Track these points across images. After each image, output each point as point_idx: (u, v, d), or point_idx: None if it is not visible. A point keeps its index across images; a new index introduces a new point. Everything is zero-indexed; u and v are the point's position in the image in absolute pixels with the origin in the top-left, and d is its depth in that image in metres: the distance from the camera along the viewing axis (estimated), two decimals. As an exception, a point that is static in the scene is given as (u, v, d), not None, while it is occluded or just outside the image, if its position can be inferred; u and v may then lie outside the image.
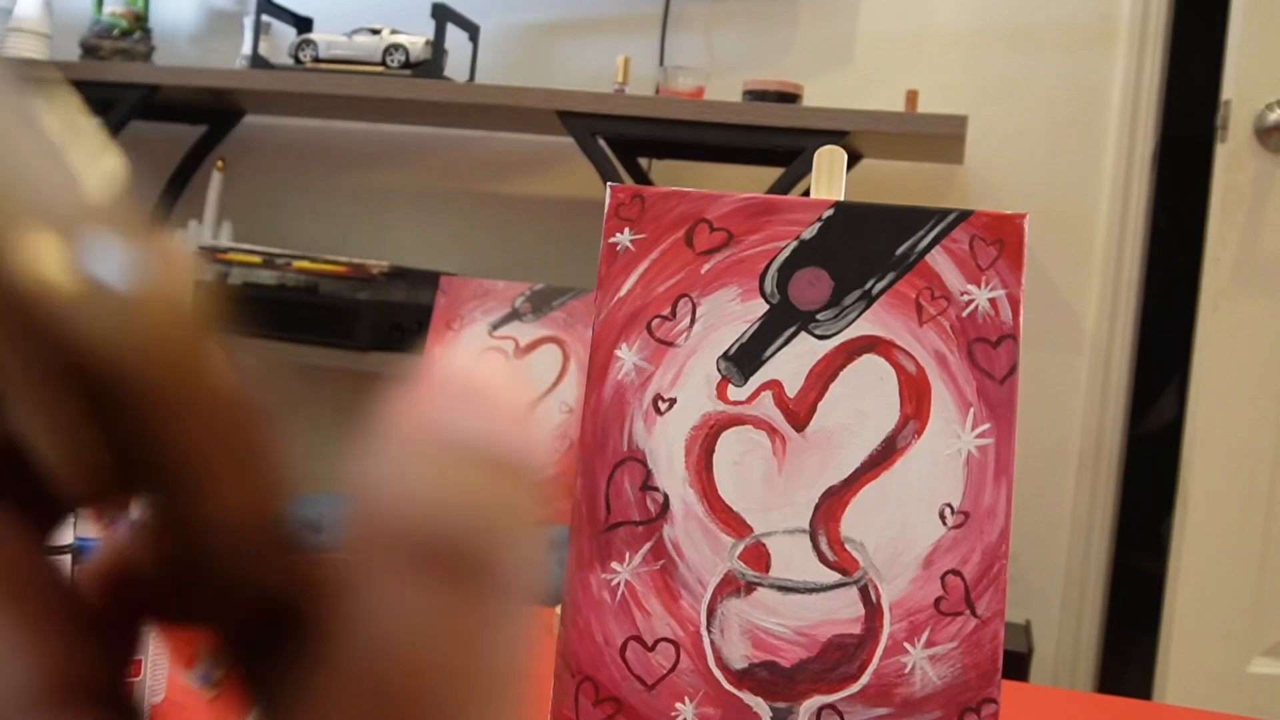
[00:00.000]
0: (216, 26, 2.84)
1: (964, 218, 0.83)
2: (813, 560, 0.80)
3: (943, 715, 0.78)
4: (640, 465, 0.82)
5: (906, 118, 2.13)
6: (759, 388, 0.82)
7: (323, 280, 2.33)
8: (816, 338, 0.82)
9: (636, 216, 0.85)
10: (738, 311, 0.83)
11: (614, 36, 2.58)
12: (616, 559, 0.81)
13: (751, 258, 0.83)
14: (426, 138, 2.69)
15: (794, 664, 0.79)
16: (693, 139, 2.24)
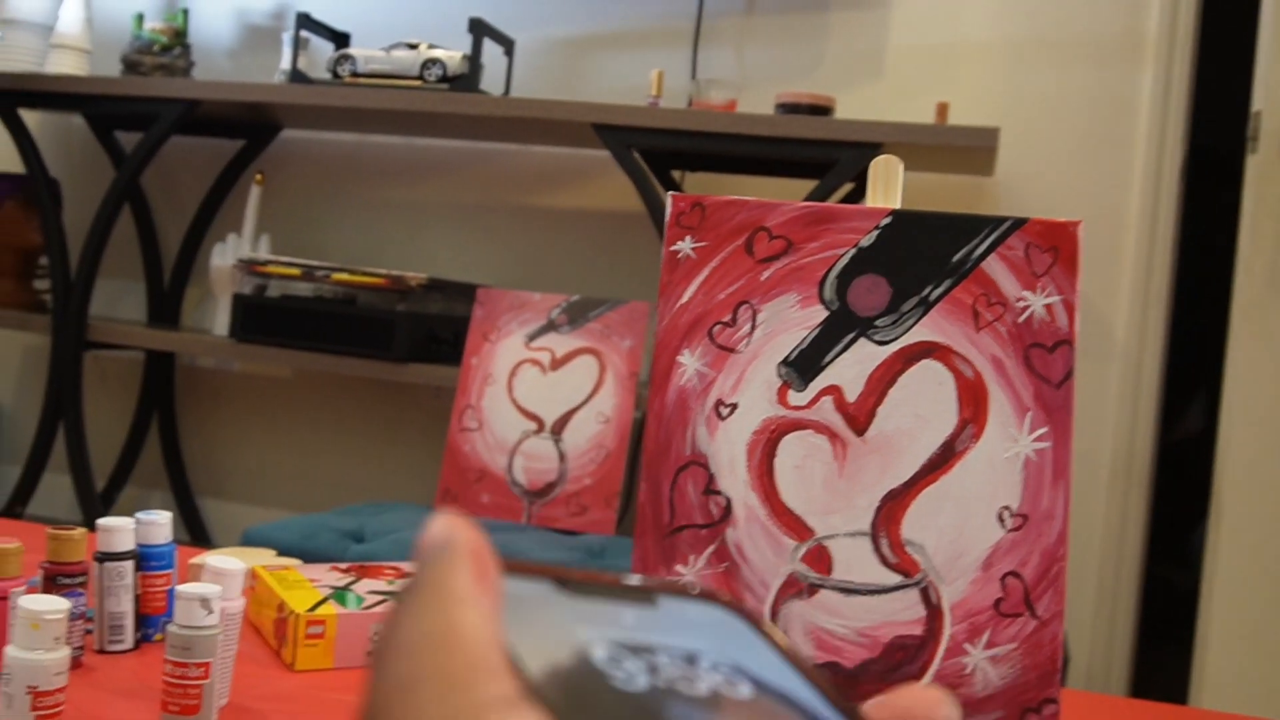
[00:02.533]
0: (254, 42, 2.88)
1: (1019, 225, 0.84)
2: (874, 562, 0.81)
3: (1004, 715, 0.79)
4: (703, 469, 0.83)
5: (939, 130, 2.15)
6: (819, 393, 0.83)
7: (361, 292, 2.36)
8: (875, 343, 0.83)
9: (697, 224, 0.86)
10: (797, 318, 0.85)
11: (647, 50, 2.60)
12: (681, 561, 0.83)
13: (811, 265, 0.85)
14: (463, 151, 2.72)
15: (857, 665, 0.80)
16: (726, 151, 2.26)
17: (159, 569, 1.21)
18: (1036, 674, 0.80)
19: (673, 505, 0.83)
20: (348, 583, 1.24)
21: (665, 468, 0.83)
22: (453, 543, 0.27)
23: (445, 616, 0.25)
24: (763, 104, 2.46)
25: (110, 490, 2.86)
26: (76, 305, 2.55)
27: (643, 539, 0.83)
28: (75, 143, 3.00)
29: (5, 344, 3.13)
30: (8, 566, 1.05)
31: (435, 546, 0.27)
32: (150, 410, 2.90)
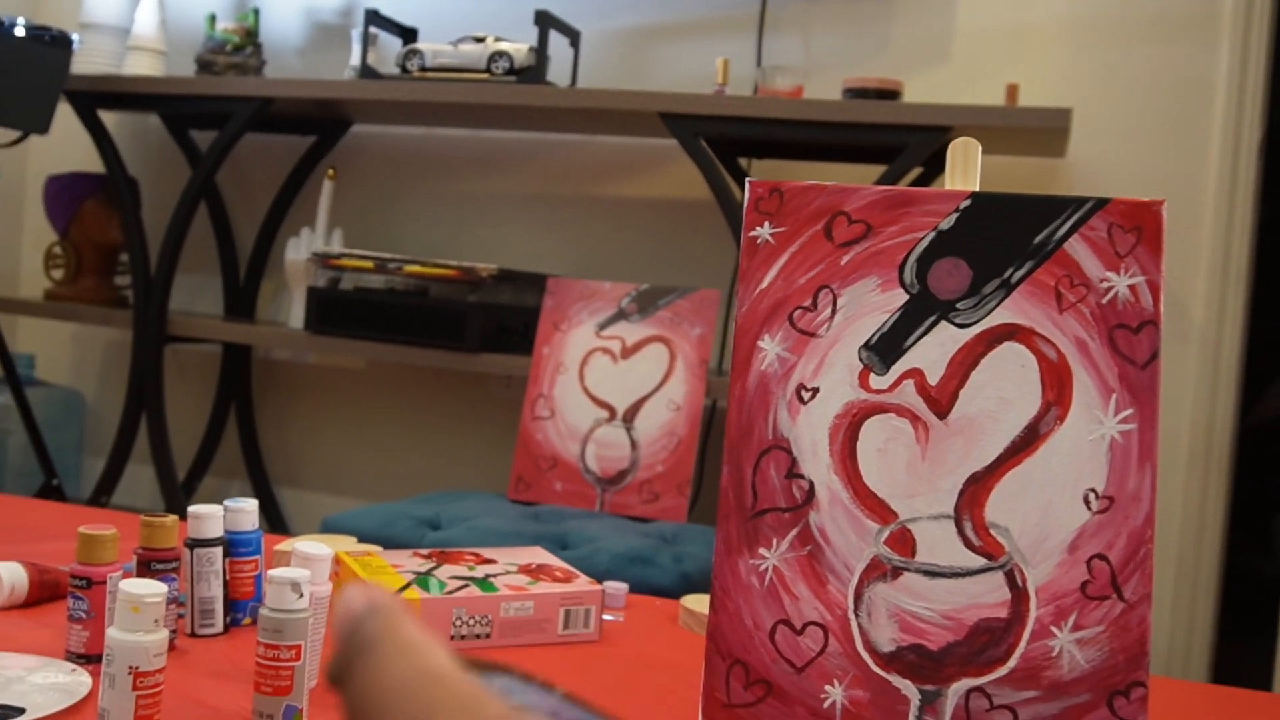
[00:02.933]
0: (323, 39, 2.92)
1: (1101, 205, 0.84)
2: (958, 545, 0.81)
3: (1091, 698, 0.79)
4: (785, 453, 0.84)
5: (1009, 111, 2.13)
6: (901, 376, 0.84)
7: (433, 284, 2.38)
8: (957, 326, 0.83)
9: (775, 210, 0.87)
10: (878, 301, 0.85)
11: (712, 38, 2.60)
12: (764, 545, 0.83)
13: (890, 249, 0.85)
14: (530, 143, 2.74)
15: (941, 647, 0.80)
16: (793, 138, 2.25)
17: (247, 555, 1.24)
18: (1124, 657, 0.79)
19: (755, 489, 0.84)
20: (429, 568, 1.26)
21: (748, 452, 0.84)
22: (383, 603, 0.28)
23: (420, 660, 0.26)
24: (829, 90, 2.45)
25: (190, 480, 2.92)
26: (157, 300, 2.61)
27: (726, 523, 0.84)
28: (152, 142, 3.07)
29: (88, 339, 3.20)
30: (104, 552, 1.08)
31: (368, 609, 0.28)
32: (228, 402, 2.96)
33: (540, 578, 1.26)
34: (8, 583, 1.21)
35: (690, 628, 1.32)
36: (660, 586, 1.70)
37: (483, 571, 1.26)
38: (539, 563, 1.32)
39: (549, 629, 1.21)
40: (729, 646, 0.82)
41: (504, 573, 1.26)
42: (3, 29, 2.38)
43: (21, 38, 2.41)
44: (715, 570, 0.83)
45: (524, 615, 1.20)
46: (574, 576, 1.27)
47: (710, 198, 2.34)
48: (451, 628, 1.17)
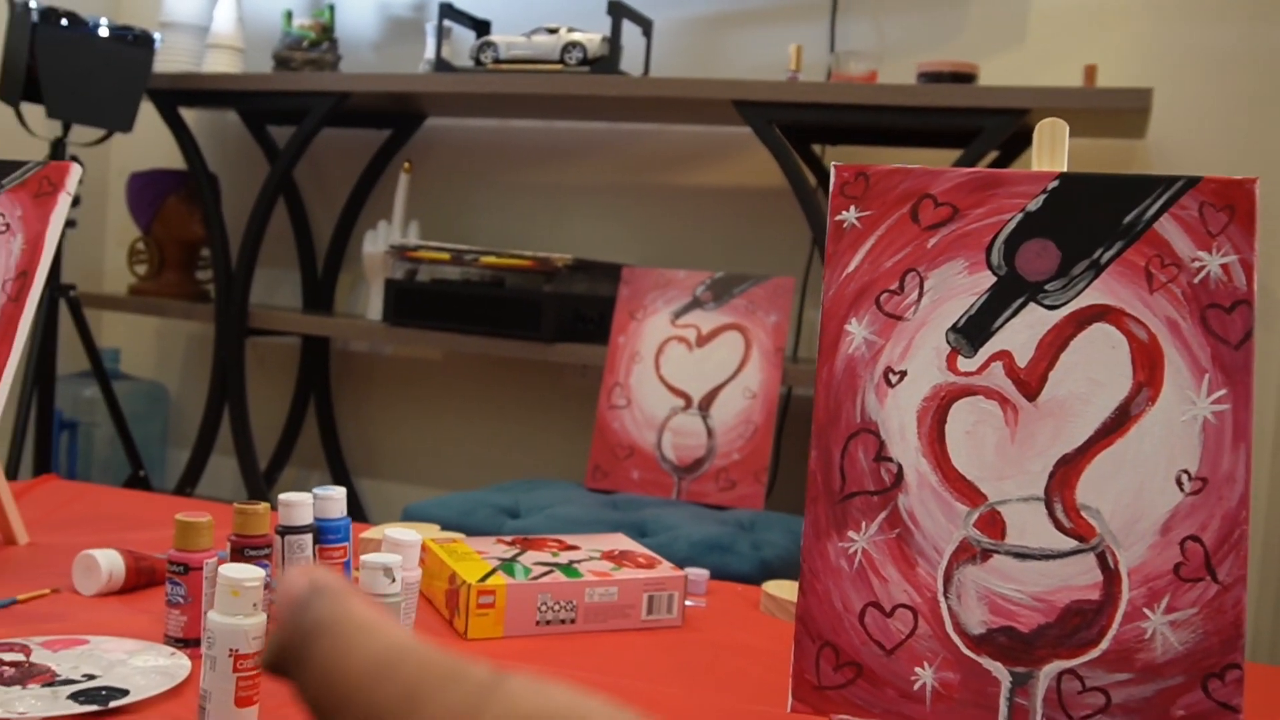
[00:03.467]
0: (397, 33, 2.95)
1: (1192, 184, 0.83)
2: (1048, 527, 0.81)
3: (1185, 681, 0.78)
4: (873, 437, 0.84)
5: (1088, 93, 2.09)
6: (989, 358, 0.83)
7: (508, 274, 2.40)
8: (1045, 308, 0.83)
9: (861, 194, 0.87)
10: (965, 284, 0.84)
11: (783, 25, 2.59)
12: (853, 528, 0.83)
13: (977, 231, 0.85)
14: (603, 133, 2.75)
15: (1032, 629, 0.80)
16: (868, 123, 2.24)
17: (335, 542, 1.27)
18: (1219, 639, 0.78)
19: (844, 472, 0.84)
20: (514, 554, 1.27)
21: (835, 435, 0.84)
22: (328, 584, 0.27)
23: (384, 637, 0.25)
24: (903, 74, 2.43)
25: (271, 471, 2.97)
26: (238, 294, 2.66)
27: (814, 506, 0.84)
28: (230, 138, 3.12)
29: (171, 333, 3.28)
30: (200, 539, 1.11)
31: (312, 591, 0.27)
32: (307, 393, 3.01)
33: (623, 564, 1.27)
34: (105, 570, 1.25)
35: (772, 613, 1.32)
36: (739, 573, 1.70)
37: (566, 558, 1.27)
38: (621, 549, 1.33)
39: (633, 614, 1.22)
40: (819, 629, 0.82)
41: (587, 559, 1.27)
42: (87, 29, 2.44)
43: (105, 38, 2.47)
44: (804, 553, 0.84)
45: (608, 600, 1.21)
46: (657, 562, 1.28)
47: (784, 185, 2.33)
48: (537, 613, 1.18)
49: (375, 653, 0.24)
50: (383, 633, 0.24)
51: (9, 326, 1.20)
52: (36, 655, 1.01)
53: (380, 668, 0.23)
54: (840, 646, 0.82)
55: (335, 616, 0.25)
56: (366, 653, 0.24)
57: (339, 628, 0.24)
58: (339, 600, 0.25)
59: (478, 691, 0.23)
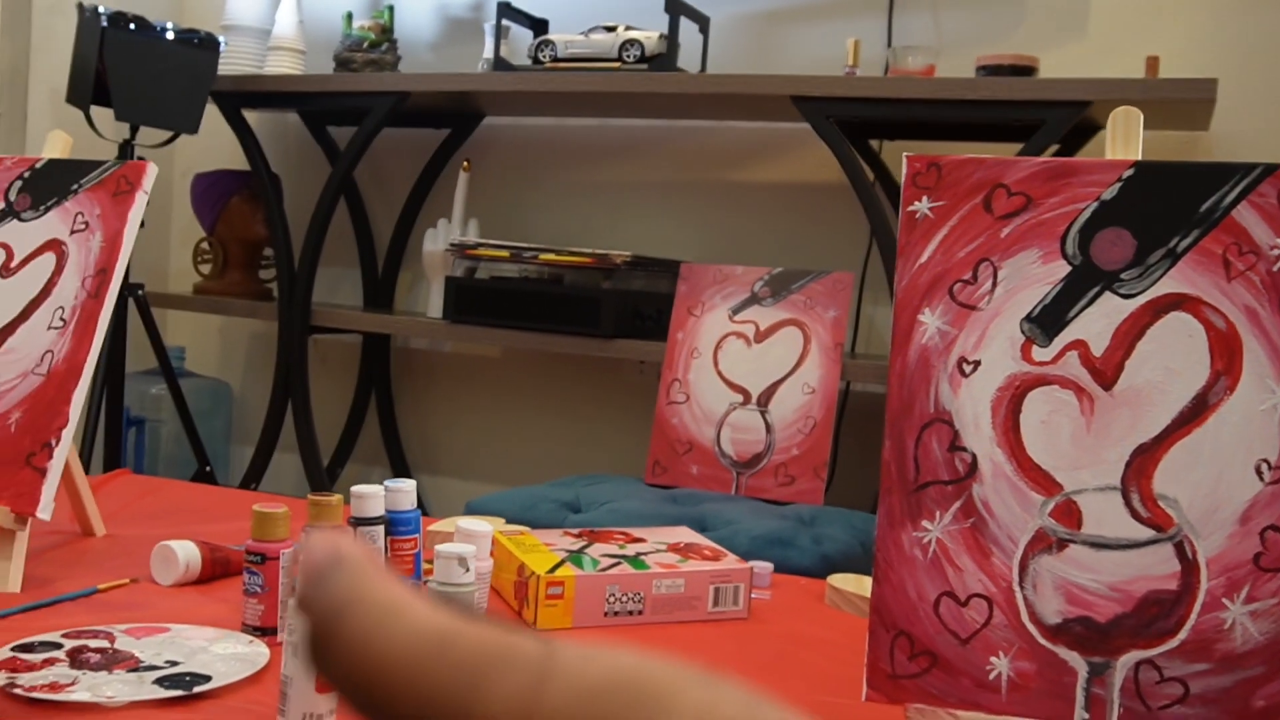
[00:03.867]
0: (455, 33, 2.97)
1: (1271, 171, 0.82)
2: (1125, 517, 0.81)
3: (1265, 671, 0.78)
4: (947, 426, 0.84)
5: (1151, 84, 2.07)
6: (1064, 348, 0.83)
7: (567, 271, 2.42)
8: (1121, 297, 0.83)
9: (934, 184, 0.87)
10: (1039, 273, 0.84)
11: (841, 20, 2.59)
12: (927, 517, 0.83)
13: (1051, 220, 0.84)
14: (660, 129, 2.76)
15: (1109, 619, 0.80)
16: (927, 118, 2.23)
17: (406, 533, 1.28)
18: (1301, 630, 0.78)
19: (918, 462, 0.84)
20: (581, 546, 1.28)
21: (909, 425, 0.84)
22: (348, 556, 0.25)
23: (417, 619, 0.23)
24: (962, 68, 2.41)
25: (333, 467, 3.01)
26: (301, 293, 2.70)
27: (888, 496, 0.84)
28: (291, 139, 3.17)
29: (234, 332, 3.33)
30: (277, 529, 1.13)
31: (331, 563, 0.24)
32: (368, 390, 3.04)
33: (690, 556, 1.27)
34: (183, 560, 1.27)
35: (838, 606, 1.32)
36: (800, 568, 1.70)
37: (634, 550, 1.28)
38: (687, 541, 1.34)
39: (699, 606, 1.23)
40: (893, 618, 0.83)
41: (654, 551, 1.28)
42: (155, 33, 2.48)
43: (172, 41, 2.51)
44: (878, 543, 0.84)
45: (675, 592, 1.22)
46: (722, 555, 1.29)
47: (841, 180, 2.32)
48: (605, 604, 1.19)
49: (417, 635, 0.23)
50: (416, 612, 0.23)
51: (89, 322, 1.23)
52: (120, 642, 1.03)
53: (430, 650, 0.22)
54: (915, 636, 0.82)
55: (361, 592, 0.23)
56: (407, 635, 0.23)
57: (367, 606, 0.23)
58: (362, 575, 0.24)
59: (536, 668, 0.22)
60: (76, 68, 2.48)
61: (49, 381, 1.22)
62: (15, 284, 1.29)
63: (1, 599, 1.16)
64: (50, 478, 1.20)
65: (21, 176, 1.36)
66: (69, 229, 1.28)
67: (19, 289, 1.28)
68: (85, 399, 1.25)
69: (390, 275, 3.02)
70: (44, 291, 1.27)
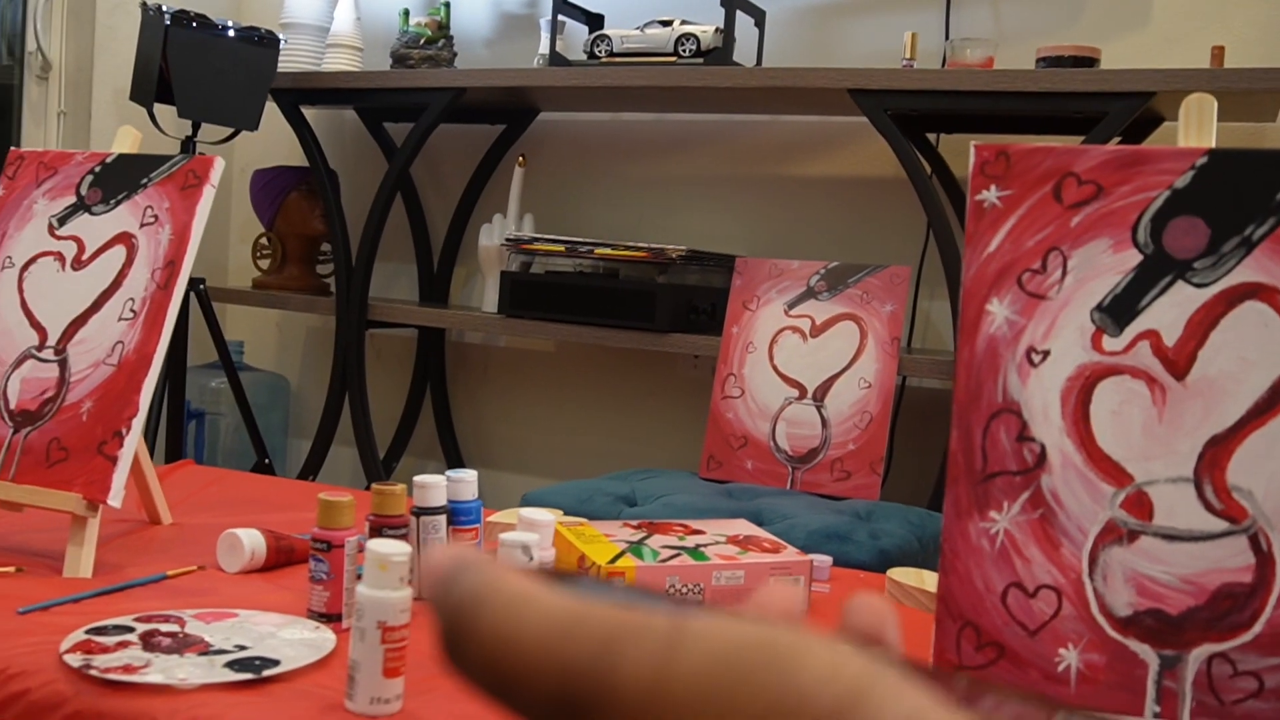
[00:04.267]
0: (511, 29, 2.99)
1: (1349, 159, 0.80)
2: (1198, 508, 0.80)
3: (1343, 666, 0.76)
4: (1015, 416, 0.83)
5: (1217, 74, 2.04)
6: (1135, 337, 0.82)
7: (623, 266, 2.42)
8: (1194, 286, 0.81)
9: (1002, 173, 0.86)
10: (1110, 263, 0.83)
11: (898, 12, 2.57)
12: (994, 508, 0.83)
13: (1122, 209, 0.84)
14: (715, 124, 2.75)
15: (1181, 612, 0.79)
16: (986, 110, 2.21)
17: (468, 523, 1.30)
18: (1380, 625, 0.76)
19: (985, 453, 0.83)
20: (641, 538, 1.29)
21: (977, 415, 0.84)
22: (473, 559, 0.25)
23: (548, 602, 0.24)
24: (1022, 60, 2.39)
25: (389, 460, 3.04)
26: (358, 287, 2.72)
27: (955, 486, 0.84)
28: (348, 135, 3.19)
29: (292, 326, 3.36)
30: (342, 518, 1.15)
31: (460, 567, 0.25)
32: (424, 385, 3.06)
33: (749, 548, 1.27)
34: (249, 548, 1.29)
35: (897, 599, 1.32)
36: (858, 563, 1.70)
37: (693, 541, 1.28)
38: (746, 534, 1.34)
39: (759, 598, 1.23)
40: (960, 609, 0.82)
41: (713, 543, 1.28)
42: (217, 31, 2.52)
43: (233, 39, 2.55)
44: (944, 533, 0.83)
45: (735, 584, 1.22)
46: (782, 547, 1.29)
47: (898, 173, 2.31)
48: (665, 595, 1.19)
49: (549, 616, 0.23)
50: (546, 597, 0.24)
51: (159, 313, 1.25)
52: (190, 626, 1.05)
53: (562, 628, 0.23)
54: (982, 627, 0.81)
55: (491, 587, 0.24)
56: (539, 618, 0.23)
57: (498, 598, 0.24)
58: (489, 571, 0.25)
59: (666, 637, 0.23)
60: (140, 66, 2.52)
61: (120, 371, 1.24)
62: (87, 276, 1.31)
63: (75, 584, 1.19)
64: (121, 466, 1.22)
65: (93, 171, 1.38)
66: (139, 222, 1.31)
67: (90, 281, 1.30)
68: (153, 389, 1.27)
69: (446, 270, 3.04)
70: (114, 283, 1.29)
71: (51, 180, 1.39)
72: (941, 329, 2.57)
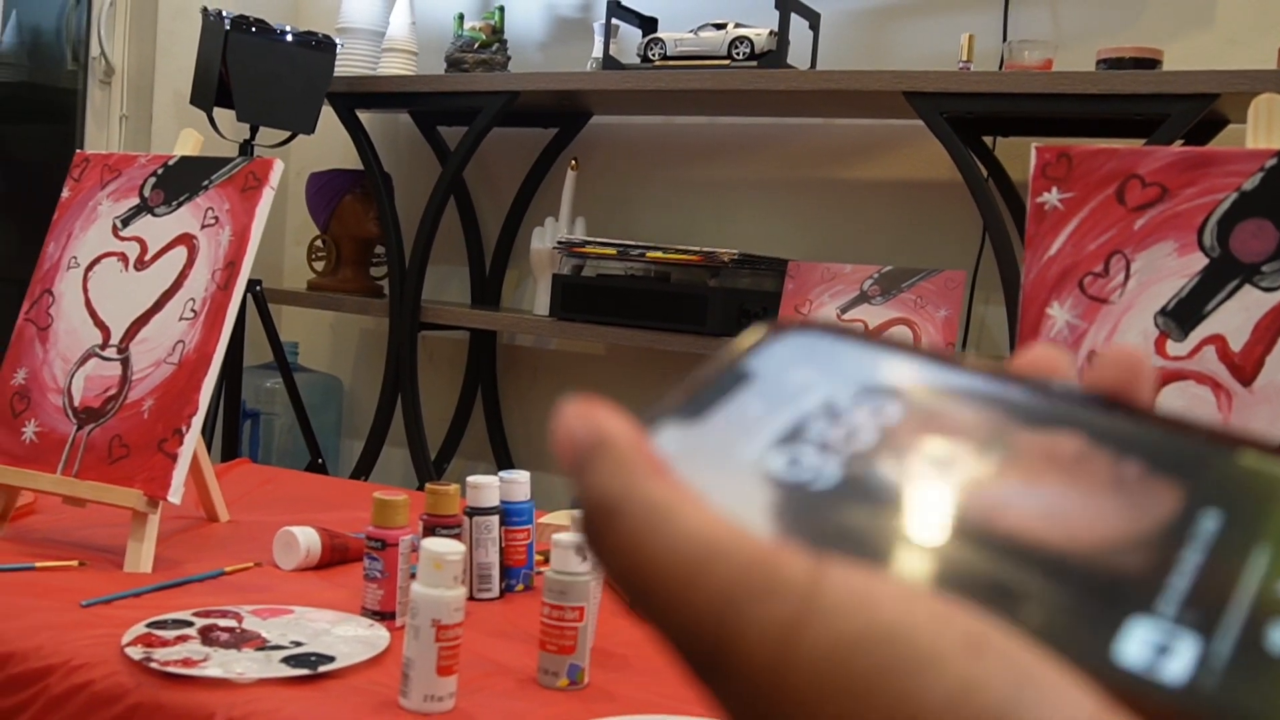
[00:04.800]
0: (564, 33, 3.00)
1: None
2: (1265, 516, 0.78)
3: None
4: (1076, 421, 0.82)
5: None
6: (1200, 342, 0.81)
7: (674, 269, 2.42)
8: (1262, 290, 0.80)
9: (1064, 175, 0.85)
10: (1174, 266, 0.82)
11: (955, 14, 2.55)
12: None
13: (1188, 211, 0.82)
14: (768, 127, 2.74)
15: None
16: (1044, 112, 2.19)
17: (520, 524, 1.30)
18: None
19: (1045, 457, 0.82)
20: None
21: (1037, 419, 0.83)
22: (611, 447, 0.23)
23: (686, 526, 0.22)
24: (1081, 62, 2.36)
25: (439, 461, 3.05)
26: (411, 290, 2.74)
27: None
28: (401, 139, 3.22)
29: (346, 328, 3.39)
30: (397, 517, 1.16)
31: (597, 454, 0.23)
32: (475, 387, 3.08)
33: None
34: (304, 546, 1.30)
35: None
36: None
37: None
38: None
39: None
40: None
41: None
42: (276, 35, 2.55)
43: (291, 43, 2.57)
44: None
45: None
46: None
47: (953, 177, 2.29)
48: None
49: (683, 546, 0.22)
50: (685, 517, 0.22)
51: (219, 313, 1.26)
52: (248, 622, 1.06)
53: (689, 566, 0.21)
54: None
55: (628, 495, 0.22)
56: (672, 546, 0.22)
57: (633, 508, 0.22)
58: (628, 470, 0.23)
59: (798, 603, 0.21)
60: (200, 70, 2.56)
61: (180, 370, 1.26)
62: (149, 276, 1.33)
63: (134, 579, 1.20)
64: (181, 463, 1.24)
65: (155, 173, 1.40)
66: (200, 223, 1.32)
67: (153, 281, 1.32)
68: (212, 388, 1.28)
69: (498, 273, 3.05)
70: (176, 284, 1.31)
71: (115, 182, 1.41)
72: (997, 335, 2.54)
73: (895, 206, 2.62)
